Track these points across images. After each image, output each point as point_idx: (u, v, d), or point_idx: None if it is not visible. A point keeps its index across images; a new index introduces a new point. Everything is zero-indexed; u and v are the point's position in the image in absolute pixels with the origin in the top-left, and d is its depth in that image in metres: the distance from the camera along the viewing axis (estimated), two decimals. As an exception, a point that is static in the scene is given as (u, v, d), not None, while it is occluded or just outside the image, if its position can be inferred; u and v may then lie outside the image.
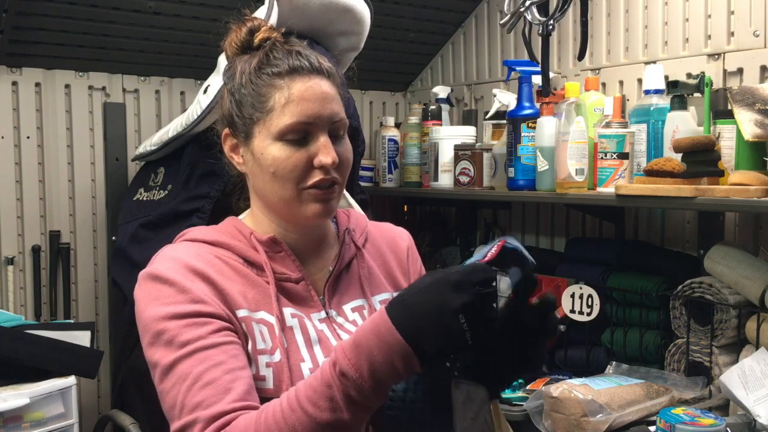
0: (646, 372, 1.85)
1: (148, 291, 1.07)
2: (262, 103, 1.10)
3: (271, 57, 1.12)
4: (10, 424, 1.71)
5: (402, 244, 1.32)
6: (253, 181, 1.16)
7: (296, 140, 1.09)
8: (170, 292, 1.05)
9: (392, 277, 1.27)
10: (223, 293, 1.07)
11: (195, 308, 1.04)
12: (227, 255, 1.13)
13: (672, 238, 2.07)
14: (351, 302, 1.19)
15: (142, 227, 1.95)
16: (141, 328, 1.07)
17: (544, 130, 1.88)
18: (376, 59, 2.60)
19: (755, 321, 1.68)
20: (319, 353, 1.10)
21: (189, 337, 1.02)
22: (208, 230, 1.18)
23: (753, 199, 1.49)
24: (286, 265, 1.15)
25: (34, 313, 2.24)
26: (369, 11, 1.99)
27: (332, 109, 1.11)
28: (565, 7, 1.80)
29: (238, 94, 1.13)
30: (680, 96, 1.74)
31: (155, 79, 2.40)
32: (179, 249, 1.13)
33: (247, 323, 1.08)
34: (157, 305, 1.05)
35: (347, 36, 2.01)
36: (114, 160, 2.34)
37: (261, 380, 1.06)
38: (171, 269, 1.07)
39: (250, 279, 1.12)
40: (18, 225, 2.21)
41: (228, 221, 1.21)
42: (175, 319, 1.03)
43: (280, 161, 1.09)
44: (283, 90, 1.09)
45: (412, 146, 2.42)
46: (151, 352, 1.05)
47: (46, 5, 1.99)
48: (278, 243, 1.15)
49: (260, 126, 1.10)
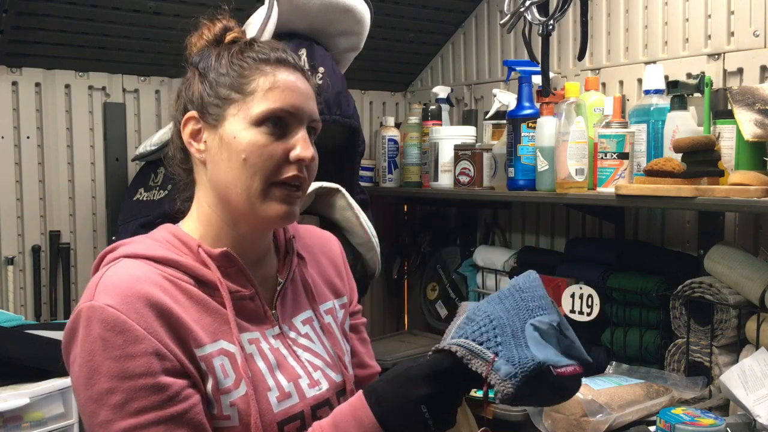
0: (646, 372, 1.85)
1: (95, 335, 0.93)
2: (243, 85, 1.04)
3: (255, 45, 1.08)
4: (10, 424, 1.71)
5: (334, 250, 1.28)
6: (213, 170, 1.05)
7: (274, 130, 1.03)
8: (121, 341, 0.92)
9: (331, 284, 1.23)
10: (180, 330, 0.97)
11: (150, 367, 0.93)
12: (176, 275, 1.02)
13: (672, 238, 2.07)
14: (300, 314, 1.14)
15: (142, 227, 1.95)
16: (78, 371, 0.94)
17: (544, 130, 1.88)
18: (376, 59, 2.59)
19: (755, 321, 1.68)
20: (282, 378, 1.06)
21: (143, 404, 0.92)
22: (146, 242, 1.06)
23: (753, 199, 1.49)
24: (239, 281, 1.07)
25: (34, 313, 2.24)
26: (369, 11, 1.99)
27: (312, 107, 1.08)
28: (565, 7, 1.80)
29: (214, 73, 1.06)
30: (680, 96, 1.74)
31: (155, 79, 2.40)
32: (125, 272, 0.99)
33: (207, 362, 0.99)
34: (104, 357, 0.92)
35: (347, 36, 2.01)
36: (114, 160, 2.34)
37: (225, 419, 1.00)
38: (122, 307, 0.93)
39: (203, 303, 1.02)
40: (18, 225, 2.21)
41: (164, 230, 1.09)
42: (127, 380, 0.92)
43: (255, 148, 1.01)
44: (268, 75, 1.04)
45: (412, 146, 2.42)
46: (94, 407, 0.93)
47: (46, 5, 1.99)
48: (231, 258, 1.06)
49: (236, 108, 1.03)
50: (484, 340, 0.96)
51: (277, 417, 1.03)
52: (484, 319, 0.98)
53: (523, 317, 0.98)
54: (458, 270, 2.54)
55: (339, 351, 1.16)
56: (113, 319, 0.93)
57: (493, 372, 0.93)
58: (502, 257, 2.36)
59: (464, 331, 0.98)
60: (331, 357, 1.14)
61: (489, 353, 0.94)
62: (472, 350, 0.95)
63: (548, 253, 2.35)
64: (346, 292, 1.26)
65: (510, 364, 0.92)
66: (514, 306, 1.00)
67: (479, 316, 0.99)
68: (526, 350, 0.93)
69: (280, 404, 1.04)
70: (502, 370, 0.92)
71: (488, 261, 2.41)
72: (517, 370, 0.92)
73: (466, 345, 0.95)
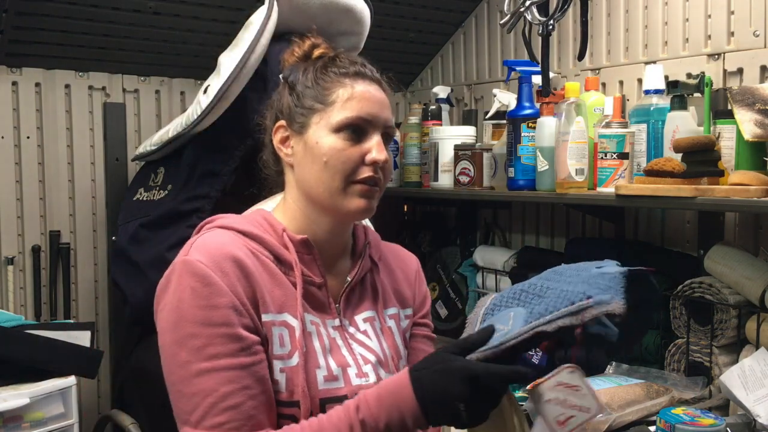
0: (646, 372, 1.85)
1: (185, 284, 1.06)
2: (325, 96, 1.16)
3: (338, 60, 1.20)
4: (10, 424, 1.71)
5: (411, 267, 1.38)
6: (299, 171, 1.18)
7: (352, 136, 1.14)
8: (207, 293, 1.05)
9: (400, 294, 1.32)
10: (255, 293, 1.09)
11: (229, 318, 1.05)
12: (258, 249, 1.14)
13: (672, 238, 2.07)
14: (363, 313, 1.24)
15: (142, 227, 1.95)
16: (167, 317, 1.07)
17: (544, 130, 1.88)
18: (376, 59, 2.58)
19: (755, 321, 1.68)
20: (332, 362, 1.15)
21: (219, 350, 1.04)
22: (239, 219, 1.19)
23: (753, 199, 1.49)
24: (312, 269, 1.18)
25: (34, 313, 2.24)
26: (369, 11, 2.00)
27: (387, 115, 1.19)
28: (565, 7, 1.80)
29: (300, 86, 1.19)
30: (680, 96, 1.73)
31: (155, 79, 2.40)
32: (217, 237, 1.12)
33: (267, 328, 1.10)
34: (191, 305, 1.05)
35: (347, 36, 2.01)
36: (114, 160, 2.34)
37: (274, 384, 1.09)
38: (210, 262, 1.07)
39: (276, 278, 1.14)
40: (18, 225, 2.22)
41: (257, 213, 1.22)
42: (209, 327, 1.04)
43: (335, 152, 1.13)
44: (347, 87, 1.16)
45: (412, 146, 2.42)
46: (176, 349, 1.05)
47: (46, 5, 1.99)
48: (310, 246, 1.18)
49: (318, 117, 1.16)
50: (574, 300, 1.00)
51: (320, 394, 1.12)
52: (556, 292, 1.03)
53: (584, 273, 1.05)
54: (458, 270, 2.54)
55: (394, 353, 1.24)
56: (202, 273, 1.05)
57: (595, 307, 0.96)
58: (502, 257, 2.36)
59: (548, 303, 1.02)
60: (385, 356, 1.22)
61: (582, 303, 0.98)
62: (568, 313, 0.98)
63: (548, 253, 2.35)
64: (414, 305, 1.34)
65: (602, 293, 0.97)
66: (570, 275, 1.06)
67: (553, 294, 1.04)
68: (607, 277, 1.00)
69: (325, 383, 1.13)
70: (596, 298, 0.96)
71: (488, 261, 2.41)
72: (614, 287, 0.97)
73: (561, 313, 0.99)
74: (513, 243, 2.53)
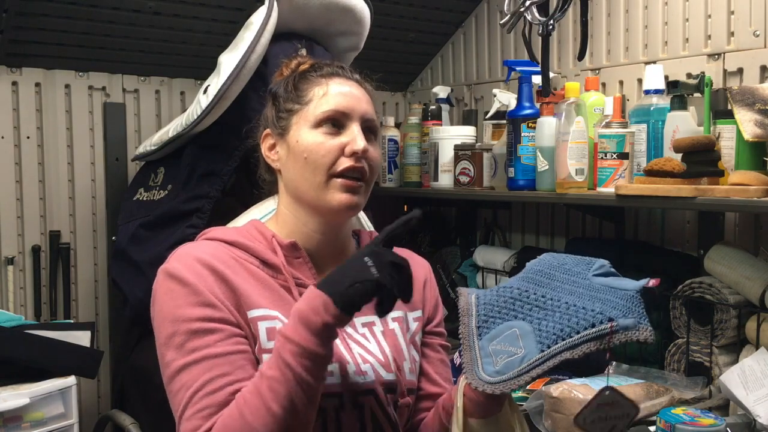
0: (646, 372, 1.85)
1: (164, 289, 1.11)
2: (301, 97, 1.20)
3: (316, 65, 1.24)
4: (10, 424, 1.71)
5: (421, 272, 1.35)
6: (286, 174, 1.21)
7: (330, 130, 1.17)
8: (183, 293, 1.09)
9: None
10: (236, 292, 1.11)
11: (205, 313, 1.08)
12: (243, 256, 1.17)
13: (672, 238, 2.07)
14: (363, 317, 1.21)
15: (142, 227, 1.95)
16: (155, 324, 1.12)
17: (544, 130, 1.88)
18: (376, 59, 2.59)
19: (755, 321, 1.68)
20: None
21: (197, 344, 1.07)
22: (227, 230, 1.23)
23: (753, 199, 1.49)
24: (302, 271, 1.19)
25: (34, 313, 2.24)
26: (369, 11, 2.00)
27: (365, 108, 1.20)
28: (565, 7, 1.80)
29: (281, 93, 1.23)
30: (680, 96, 1.73)
31: (155, 79, 2.40)
32: (197, 246, 1.17)
33: (254, 323, 1.11)
34: (171, 306, 1.09)
35: (347, 36, 2.01)
36: (114, 160, 2.34)
37: None
38: (186, 267, 1.11)
39: (264, 282, 1.15)
40: (18, 225, 2.22)
41: (250, 224, 1.25)
42: (185, 323, 1.08)
43: (314, 146, 1.16)
44: (323, 85, 1.19)
45: (412, 146, 2.42)
46: (163, 351, 1.09)
47: (46, 5, 1.99)
48: (297, 248, 1.19)
49: (297, 117, 1.19)
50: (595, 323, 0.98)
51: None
52: (562, 306, 1.02)
53: (583, 280, 1.03)
54: (458, 270, 2.54)
55: (397, 355, 1.21)
56: (179, 276, 1.10)
57: (622, 332, 0.96)
58: (502, 257, 2.36)
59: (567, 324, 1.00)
60: (386, 358, 1.20)
61: (605, 326, 0.97)
62: (593, 338, 0.97)
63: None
64: (424, 309, 1.32)
65: (624, 316, 0.96)
66: (565, 281, 1.05)
67: (558, 308, 1.02)
68: (620, 294, 0.98)
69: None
70: (622, 323, 0.96)
71: (488, 261, 2.41)
72: (634, 308, 0.96)
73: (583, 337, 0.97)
74: (513, 243, 2.53)
